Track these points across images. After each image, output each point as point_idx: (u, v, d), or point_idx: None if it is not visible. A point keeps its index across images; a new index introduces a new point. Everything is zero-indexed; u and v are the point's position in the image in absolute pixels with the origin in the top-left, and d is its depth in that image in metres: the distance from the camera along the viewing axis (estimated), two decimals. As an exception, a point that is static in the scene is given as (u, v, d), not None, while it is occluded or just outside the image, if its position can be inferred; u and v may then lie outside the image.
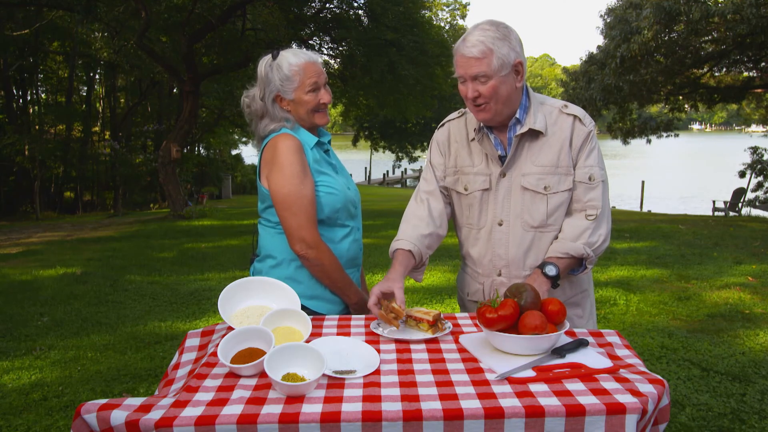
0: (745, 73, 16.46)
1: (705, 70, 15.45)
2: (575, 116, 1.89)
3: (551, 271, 1.81)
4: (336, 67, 16.86)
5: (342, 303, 2.07)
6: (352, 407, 1.24)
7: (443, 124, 2.10)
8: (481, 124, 1.92)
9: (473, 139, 1.96)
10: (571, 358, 1.49)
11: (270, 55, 2.02)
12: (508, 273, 1.94)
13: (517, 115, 1.87)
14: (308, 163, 1.97)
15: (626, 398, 1.27)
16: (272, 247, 2.03)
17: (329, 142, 2.15)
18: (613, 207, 19.98)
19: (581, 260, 1.87)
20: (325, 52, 16.86)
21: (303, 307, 1.95)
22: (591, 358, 1.49)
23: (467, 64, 1.79)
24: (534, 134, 1.89)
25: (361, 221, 2.18)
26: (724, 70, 15.84)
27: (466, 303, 2.13)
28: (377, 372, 1.43)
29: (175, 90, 21.05)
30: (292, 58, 1.98)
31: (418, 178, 43.52)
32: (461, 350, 1.57)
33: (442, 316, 1.74)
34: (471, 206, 1.97)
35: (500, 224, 1.92)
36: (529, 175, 1.88)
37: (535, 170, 1.88)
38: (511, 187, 1.90)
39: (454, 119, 2.07)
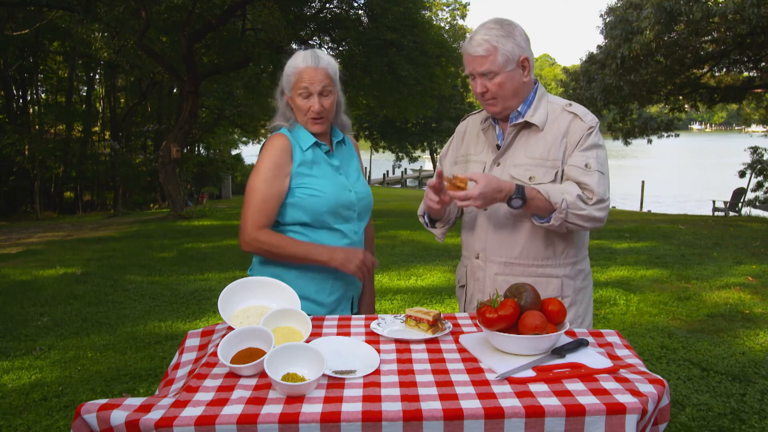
0: (745, 73, 16.47)
1: (705, 70, 15.44)
2: (575, 114, 1.93)
3: (519, 192, 1.77)
4: (336, 67, 16.85)
5: (324, 305, 2.03)
6: (352, 407, 1.24)
7: (465, 117, 2.23)
8: (488, 116, 2.02)
9: (482, 128, 2.07)
10: (571, 358, 1.49)
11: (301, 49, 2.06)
12: (484, 257, 1.99)
13: (520, 109, 1.94)
14: (291, 164, 1.98)
15: (626, 398, 1.27)
16: None
17: (343, 140, 2.14)
18: (613, 207, 19.98)
19: (551, 212, 1.81)
20: (325, 52, 16.89)
21: None
22: (591, 358, 1.49)
23: (474, 61, 1.88)
24: (531, 127, 1.94)
25: (364, 224, 2.14)
26: (724, 70, 15.85)
27: (457, 291, 2.19)
28: (377, 372, 1.43)
29: (175, 90, 21.05)
30: (299, 58, 1.99)
31: (417, 178, 43.44)
32: (461, 350, 1.57)
33: (442, 316, 1.74)
34: None
35: (486, 209, 1.98)
36: (519, 166, 1.93)
37: (526, 162, 1.92)
38: (502, 176, 1.95)
39: (475, 113, 2.18)
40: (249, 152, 28.16)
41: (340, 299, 2.08)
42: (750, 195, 17.49)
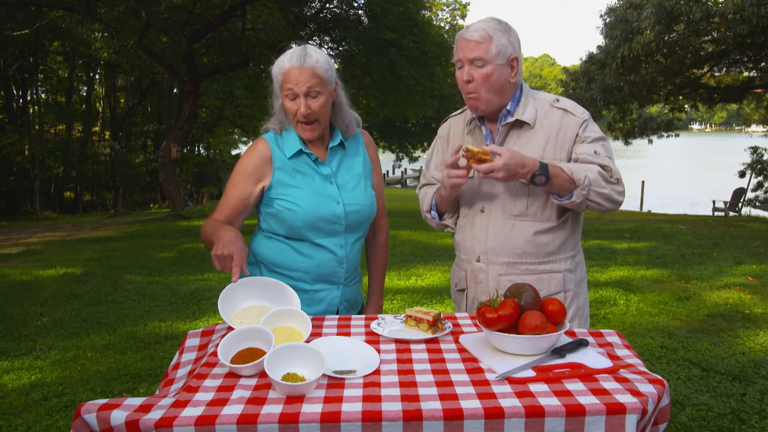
0: (745, 73, 16.48)
1: (705, 70, 15.46)
2: (565, 109, 1.92)
3: (543, 168, 1.76)
4: (336, 67, 16.88)
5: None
6: (352, 407, 1.24)
7: (446, 120, 2.18)
8: (474, 116, 1.99)
9: (468, 131, 2.03)
10: (571, 358, 1.49)
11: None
12: (486, 259, 1.96)
13: (509, 107, 1.92)
14: (269, 171, 1.93)
15: (626, 398, 1.27)
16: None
17: (342, 143, 2.00)
18: (613, 207, 19.93)
19: (572, 190, 1.79)
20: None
21: None
22: (591, 358, 1.49)
23: (466, 47, 1.86)
24: (522, 126, 1.93)
25: (357, 237, 2.02)
26: (724, 70, 15.86)
27: (455, 294, 2.16)
28: (377, 372, 1.43)
29: (175, 90, 21.06)
30: (285, 57, 1.88)
31: (418, 178, 43.59)
32: (461, 350, 1.57)
33: (442, 316, 1.74)
34: (458, 195, 2.04)
35: (482, 211, 1.97)
36: None
37: None
38: None
39: (456, 115, 2.15)
40: (249, 152, 28.10)
41: (323, 312, 2.00)
42: (750, 195, 17.50)
